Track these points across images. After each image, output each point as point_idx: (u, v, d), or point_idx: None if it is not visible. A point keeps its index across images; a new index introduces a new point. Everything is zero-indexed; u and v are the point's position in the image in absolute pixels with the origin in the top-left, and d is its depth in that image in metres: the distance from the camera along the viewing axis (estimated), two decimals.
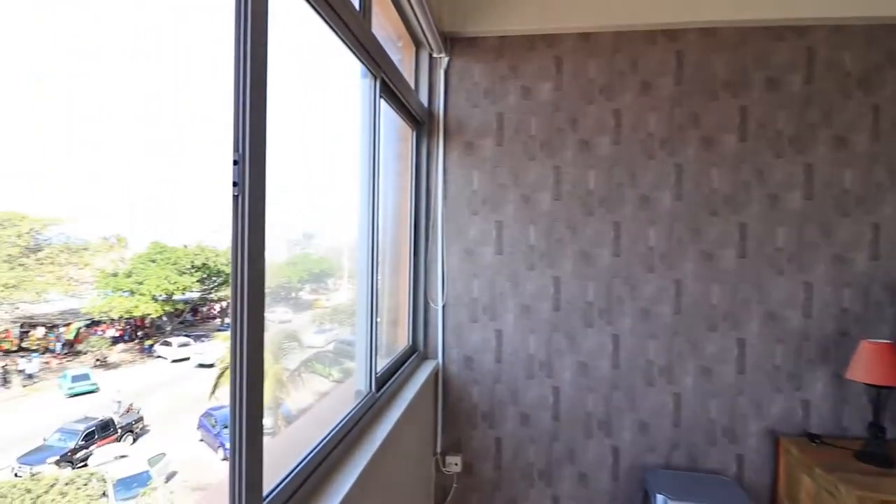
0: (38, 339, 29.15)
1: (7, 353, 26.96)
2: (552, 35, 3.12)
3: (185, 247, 33.33)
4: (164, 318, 29.87)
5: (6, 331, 27.26)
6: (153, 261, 29.00)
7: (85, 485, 9.28)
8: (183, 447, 16.37)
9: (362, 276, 2.07)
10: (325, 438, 1.59)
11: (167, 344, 28.73)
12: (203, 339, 30.66)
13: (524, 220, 3.15)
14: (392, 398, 2.29)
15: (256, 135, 1.04)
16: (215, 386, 16.47)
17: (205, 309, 39.10)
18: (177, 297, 29.58)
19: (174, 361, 27.84)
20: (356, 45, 1.77)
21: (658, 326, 3.06)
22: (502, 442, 3.19)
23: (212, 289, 33.34)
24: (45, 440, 14.76)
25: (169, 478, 14.26)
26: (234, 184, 1.01)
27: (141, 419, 17.17)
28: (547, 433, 3.17)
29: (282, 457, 1.64)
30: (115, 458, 13.83)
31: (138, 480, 12.07)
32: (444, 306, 3.18)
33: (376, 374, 2.12)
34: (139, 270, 27.91)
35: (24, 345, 28.61)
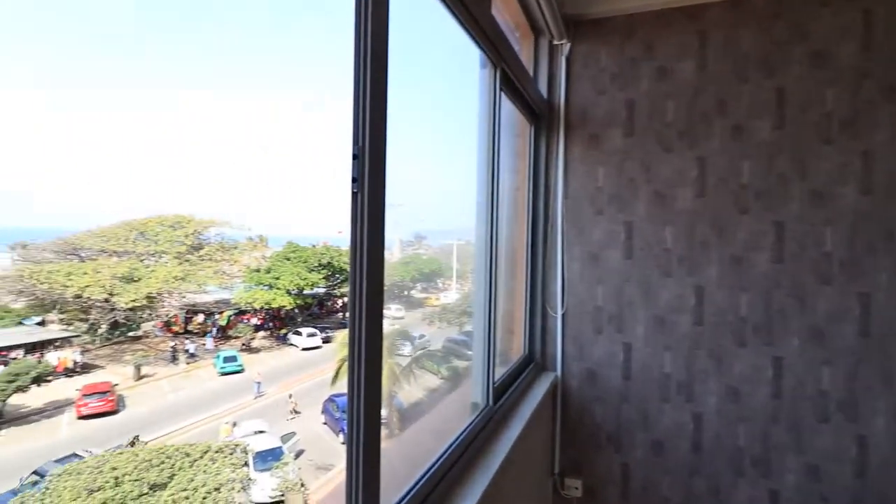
0: (199, 324, 34.37)
1: (176, 334, 32.19)
2: (693, 6, 2.69)
3: (314, 246, 36.83)
4: (296, 311, 33.34)
5: (175, 316, 32.60)
6: (287, 259, 32.50)
7: (231, 454, 10.60)
8: (309, 428, 18.03)
9: (480, 281, 1.93)
10: (444, 454, 1.48)
11: (298, 333, 31.98)
12: (328, 330, 33.57)
13: (658, 220, 2.76)
14: (510, 412, 2.13)
15: (376, 127, 0.96)
16: (336, 375, 17.89)
17: (329, 303, 42.86)
18: (306, 291, 32.84)
19: (303, 349, 30.94)
20: (476, 30, 1.64)
21: (836, 350, 2.47)
22: (630, 469, 2.84)
23: (335, 285, 36.38)
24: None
25: (298, 455, 15.78)
26: (354, 179, 0.96)
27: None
28: (685, 465, 2.74)
29: (399, 465, 1.57)
30: (255, 432, 15.70)
31: (273, 455, 13.52)
32: (563, 314, 2.92)
33: (494, 385, 1.97)
34: (276, 267, 31.49)
35: (188, 328, 33.95)
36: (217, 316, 34.19)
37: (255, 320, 33.75)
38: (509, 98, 2.27)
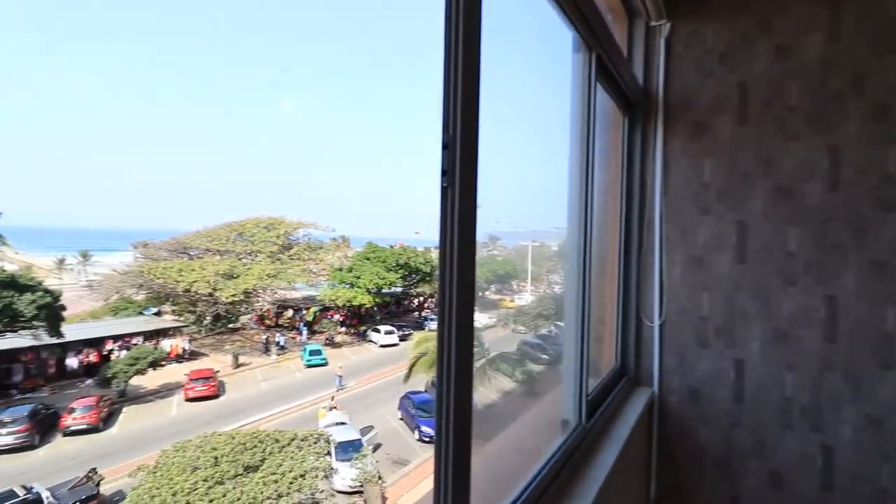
0: (288, 319, 36.82)
1: (268, 327, 34.71)
2: None
3: (391, 247, 38.03)
4: (375, 308, 34.62)
5: (268, 310, 35.21)
6: (368, 258, 33.88)
7: (315, 442, 11.17)
8: (386, 423, 18.59)
9: (572, 287, 1.76)
10: (537, 476, 1.35)
11: (376, 331, 33.21)
12: (404, 328, 34.52)
13: (779, 220, 2.39)
14: (604, 432, 1.93)
15: (468, 113, 0.86)
16: (409, 373, 18.25)
17: (405, 302, 44.02)
18: (384, 290, 34.01)
19: (381, 346, 32.07)
20: (570, 8, 1.47)
21: None
22: (742, 501, 2.49)
23: (411, 285, 37.31)
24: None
25: (375, 448, 16.31)
26: (444, 173, 0.87)
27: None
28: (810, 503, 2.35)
29: (482, 479, 1.46)
30: (336, 423, 16.48)
31: (353, 446, 14.08)
32: (662, 324, 2.63)
33: (588, 400, 1.78)
34: (357, 266, 32.95)
35: (279, 322, 36.50)
36: (304, 312, 36.52)
37: (337, 317, 35.61)
38: (602, 86, 2.07)
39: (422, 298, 43.50)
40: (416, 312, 43.86)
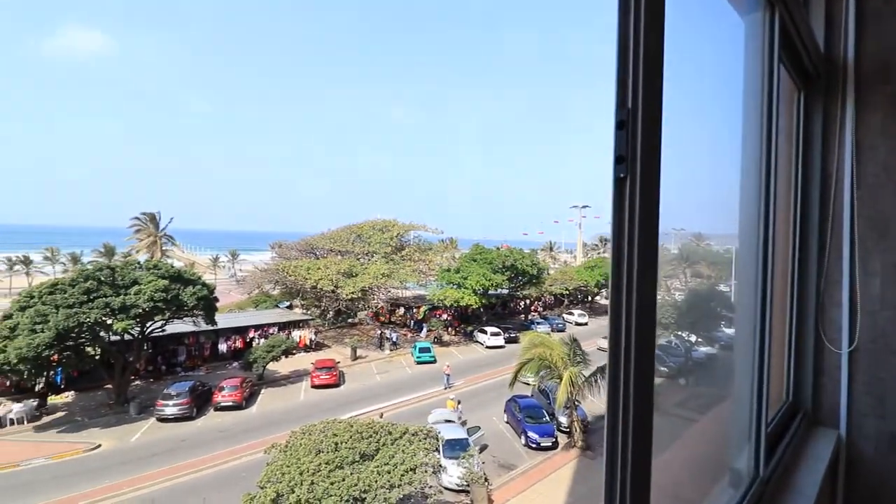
0: (400, 316, 38.63)
1: (382, 324, 36.75)
2: None
3: (497, 248, 37.90)
4: (481, 309, 34.82)
5: (382, 307, 37.34)
6: (474, 260, 34.21)
7: (425, 438, 11.44)
8: (492, 425, 18.48)
9: (746, 301, 1.42)
10: None
11: (483, 332, 33.37)
12: (510, 330, 34.19)
13: None
14: (783, 486, 1.53)
15: (651, 82, 0.65)
16: (515, 377, 17.88)
17: (511, 304, 43.56)
18: (491, 292, 34.04)
19: (488, 347, 32.13)
20: None
21: None
22: None
23: (518, 287, 36.85)
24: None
25: (482, 449, 16.28)
26: (619, 160, 0.68)
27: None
28: None
29: None
30: (445, 420, 16.79)
31: (460, 445, 14.20)
32: (852, 351, 2.08)
33: (765, 446, 1.41)
34: (465, 268, 33.44)
35: (392, 319, 38.45)
36: (415, 310, 38.08)
37: (445, 316, 36.51)
38: (778, 52, 1.67)
39: (528, 301, 42.75)
40: (523, 315, 43.13)
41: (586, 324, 40.53)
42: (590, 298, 50.23)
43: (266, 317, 30.46)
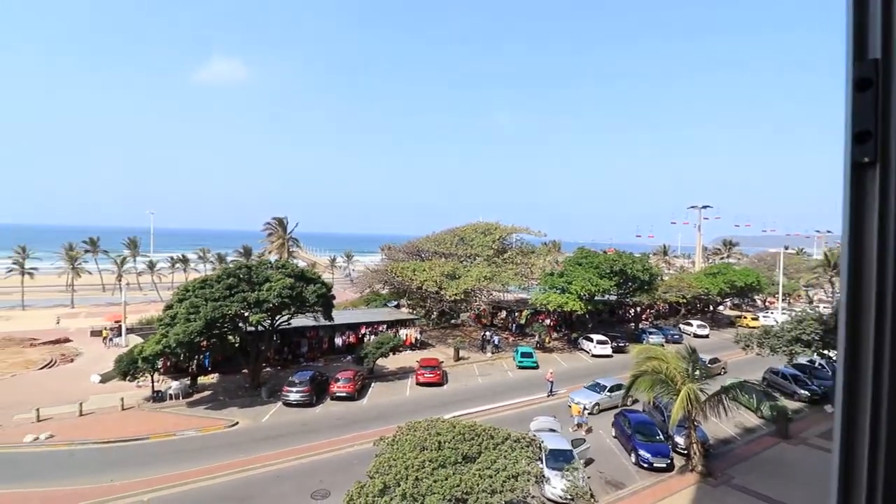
0: (501, 319, 38.50)
1: (484, 326, 36.92)
2: None
3: (604, 252, 35.97)
4: (587, 316, 33.27)
5: (483, 309, 37.53)
6: (579, 264, 32.82)
7: (528, 445, 11.22)
8: (599, 438, 17.50)
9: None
10: None
11: (588, 339, 31.89)
12: (619, 340, 32.19)
13: None
14: None
15: None
16: (627, 390, 16.61)
17: (620, 312, 41.00)
18: (597, 297, 32.37)
19: (594, 356, 30.60)
20: None
21: None
22: None
23: (627, 293, 34.59)
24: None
25: (587, 463, 15.50)
26: (860, 137, 0.52)
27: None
28: None
29: None
30: (548, 429, 16.29)
31: (564, 456, 13.67)
32: None
33: None
34: (569, 271, 32.23)
35: (493, 322, 38.46)
36: (517, 314, 37.68)
37: (548, 321, 35.53)
38: None
39: (638, 309, 39.85)
40: (632, 323, 40.28)
41: (707, 336, 36.68)
42: (711, 308, 45.39)
43: (376, 315, 32.37)
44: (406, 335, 29.69)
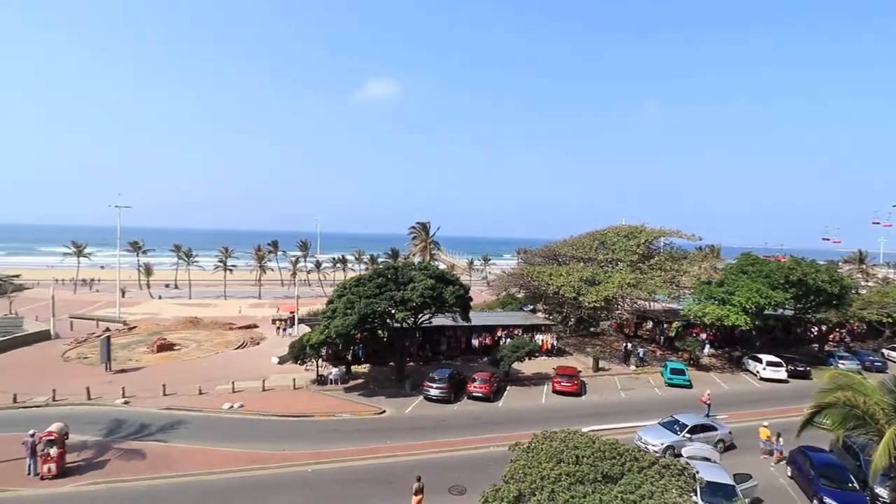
0: (647, 330, 35.42)
1: (627, 336, 34.38)
2: None
3: (777, 259, 30.62)
4: (753, 332, 28.65)
5: (626, 319, 34.84)
6: (744, 272, 28.47)
7: (679, 474, 10.14)
8: (768, 476, 14.97)
9: None
10: None
11: (756, 359, 27.43)
12: (797, 362, 27.09)
13: None
14: None
15: None
16: (806, 423, 13.68)
17: (799, 330, 34.52)
18: (767, 311, 27.63)
19: (762, 379, 26.24)
20: None
21: None
22: None
23: (808, 308, 28.91)
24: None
25: (754, 503, 13.41)
26: None
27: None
28: None
29: None
30: (703, 458, 14.49)
31: (724, 492, 12.02)
32: None
33: None
34: (730, 281, 28.17)
35: (637, 333, 35.57)
36: (666, 325, 34.14)
37: (704, 336, 31.43)
38: None
39: (824, 327, 32.96)
40: (815, 344, 33.47)
41: None
42: None
43: (511, 318, 32.43)
44: (542, 340, 29.18)
